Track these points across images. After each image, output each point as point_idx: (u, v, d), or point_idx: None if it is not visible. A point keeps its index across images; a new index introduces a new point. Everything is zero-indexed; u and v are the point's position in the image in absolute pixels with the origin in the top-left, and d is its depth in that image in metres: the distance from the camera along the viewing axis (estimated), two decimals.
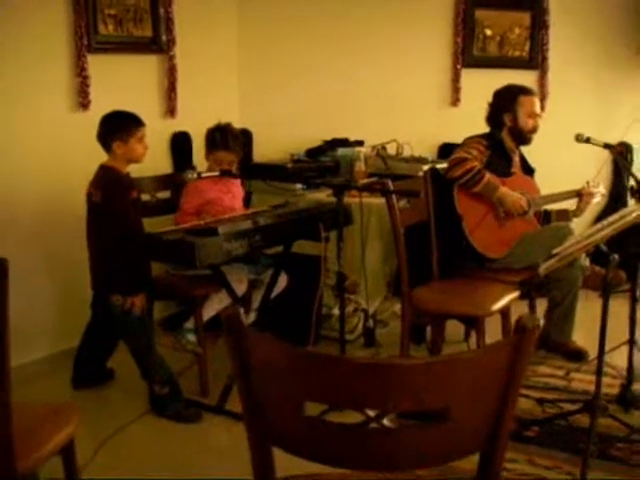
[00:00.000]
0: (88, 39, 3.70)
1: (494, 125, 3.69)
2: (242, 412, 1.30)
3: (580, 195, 3.72)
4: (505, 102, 3.66)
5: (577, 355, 3.65)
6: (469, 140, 3.62)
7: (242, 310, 1.24)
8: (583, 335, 3.71)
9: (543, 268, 2.58)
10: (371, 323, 3.92)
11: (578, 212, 3.75)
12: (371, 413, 1.20)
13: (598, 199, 3.81)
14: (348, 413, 1.26)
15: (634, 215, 2.60)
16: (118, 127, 3.06)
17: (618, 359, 3.37)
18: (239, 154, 3.49)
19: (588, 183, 3.74)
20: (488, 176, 3.47)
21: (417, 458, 1.27)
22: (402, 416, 2.49)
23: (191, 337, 3.36)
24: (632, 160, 4.80)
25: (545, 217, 3.80)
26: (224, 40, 4.67)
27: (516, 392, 1.28)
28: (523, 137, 3.68)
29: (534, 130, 3.67)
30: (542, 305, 3.75)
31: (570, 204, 3.79)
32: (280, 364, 1.22)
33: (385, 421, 1.20)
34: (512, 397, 1.28)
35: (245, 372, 1.26)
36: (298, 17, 4.79)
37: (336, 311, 3.59)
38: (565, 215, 3.76)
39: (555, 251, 2.59)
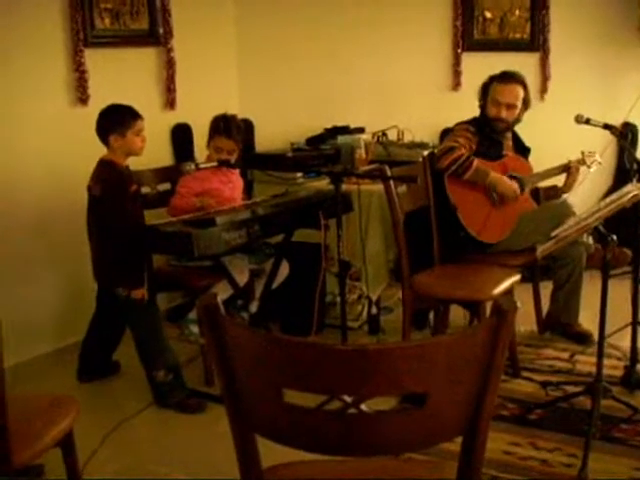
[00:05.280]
0: (85, 33, 3.71)
1: (482, 110, 3.64)
2: (223, 401, 1.31)
3: (568, 170, 3.68)
4: (482, 89, 3.63)
5: (582, 337, 3.63)
6: (457, 127, 3.60)
7: (219, 299, 1.24)
8: (589, 318, 3.67)
9: (540, 251, 2.57)
10: (374, 310, 3.91)
11: (566, 188, 3.70)
12: (349, 399, 1.20)
13: (595, 168, 3.75)
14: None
15: (629, 196, 2.58)
16: (115, 121, 3.07)
17: (624, 341, 3.35)
18: (239, 145, 3.50)
19: (583, 153, 3.70)
20: (477, 162, 3.43)
21: (398, 442, 1.27)
22: (404, 400, 2.53)
23: (194, 328, 3.38)
24: (638, 140, 4.73)
25: (534, 195, 3.72)
26: (222, 30, 4.66)
27: (497, 375, 1.28)
28: (489, 124, 3.57)
29: (497, 119, 3.54)
30: (546, 288, 3.73)
31: (560, 180, 3.74)
32: (257, 352, 1.22)
33: (363, 406, 1.20)
34: (493, 380, 1.27)
35: (224, 361, 1.27)
36: (296, 6, 4.77)
37: None
38: (554, 192, 3.71)
39: (553, 234, 2.58)
